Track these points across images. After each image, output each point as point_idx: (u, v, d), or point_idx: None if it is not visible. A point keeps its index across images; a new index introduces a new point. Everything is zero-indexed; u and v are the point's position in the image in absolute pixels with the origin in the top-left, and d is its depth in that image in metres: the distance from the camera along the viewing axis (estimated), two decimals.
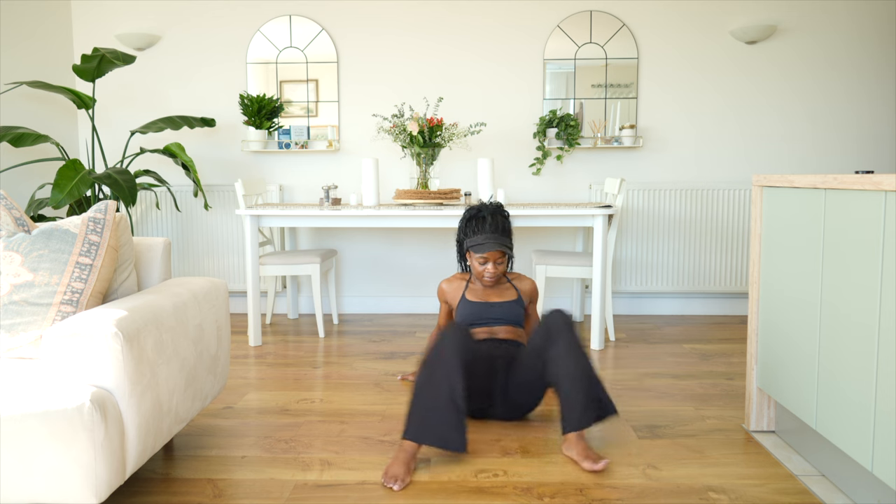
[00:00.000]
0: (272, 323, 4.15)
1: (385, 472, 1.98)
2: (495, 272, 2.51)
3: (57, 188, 3.31)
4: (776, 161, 4.25)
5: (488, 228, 2.51)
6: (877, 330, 1.63)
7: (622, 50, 4.17)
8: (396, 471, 1.97)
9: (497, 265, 2.51)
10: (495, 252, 2.48)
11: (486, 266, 2.51)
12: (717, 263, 4.22)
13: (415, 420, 2.04)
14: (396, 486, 1.92)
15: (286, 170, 4.36)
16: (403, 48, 4.25)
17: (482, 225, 2.53)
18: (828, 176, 1.83)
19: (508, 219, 2.59)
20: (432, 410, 2.02)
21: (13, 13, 3.80)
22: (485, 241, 2.48)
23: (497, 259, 2.50)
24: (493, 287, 2.59)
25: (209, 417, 2.52)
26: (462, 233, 2.60)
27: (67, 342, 1.61)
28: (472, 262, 2.55)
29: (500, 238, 2.51)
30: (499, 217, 2.55)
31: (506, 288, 2.60)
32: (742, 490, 1.92)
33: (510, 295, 2.58)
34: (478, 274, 2.54)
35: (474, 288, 2.61)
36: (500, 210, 2.58)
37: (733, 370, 3.10)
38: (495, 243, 2.47)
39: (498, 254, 2.49)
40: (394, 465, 2.00)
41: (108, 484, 1.56)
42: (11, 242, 1.90)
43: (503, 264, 2.53)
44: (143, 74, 4.33)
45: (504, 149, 4.28)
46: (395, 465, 1.99)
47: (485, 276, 2.52)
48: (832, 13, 4.13)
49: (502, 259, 2.52)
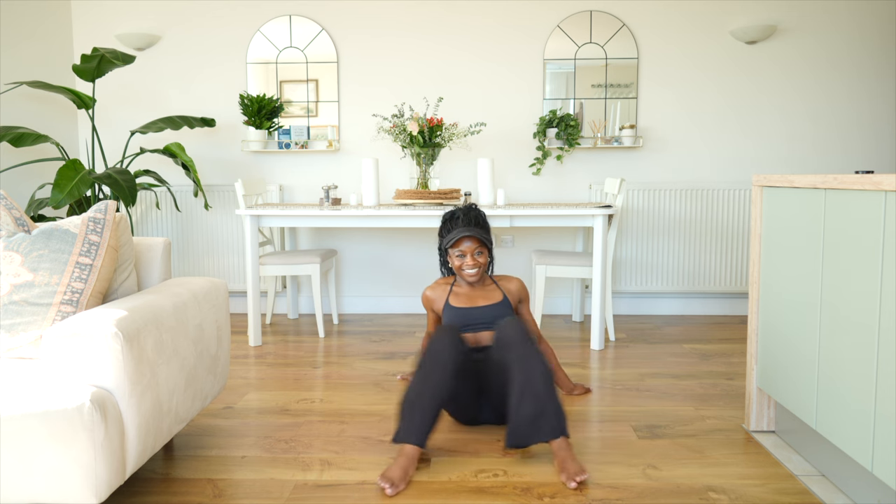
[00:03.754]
0: (272, 323, 4.15)
1: (383, 473, 1.97)
2: (475, 264, 2.46)
3: (57, 188, 3.31)
4: (776, 161, 4.25)
5: (461, 223, 2.50)
6: (877, 330, 1.63)
7: (622, 50, 4.17)
8: (393, 474, 1.95)
9: (476, 257, 2.47)
10: (472, 243, 2.45)
11: (464, 259, 2.47)
12: (717, 263, 4.22)
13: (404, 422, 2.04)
14: (389, 490, 1.90)
15: (286, 170, 4.36)
16: (403, 48, 4.25)
17: (455, 222, 2.52)
18: (828, 176, 1.83)
19: (484, 215, 2.57)
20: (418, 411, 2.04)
21: (13, 13, 3.80)
22: (458, 232, 2.46)
23: (475, 250, 2.46)
24: (479, 289, 2.54)
25: (209, 417, 2.52)
26: (440, 237, 2.59)
27: (67, 342, 1.61)
28: (452, 261, 2.52)
29: (475, 229, 2.48)
30: (471, 213, 2.53)
31: (491, 290, 2.55)
32: (742, 490, 1.92)
33: (495, 297, 2.53)
34: (459, 271, 2.50)
35: (458, 292, 2.55)
36: (473, 208, 2.57)
37: (733, 370, 3.10)
38: (469, 231, 2.45)
39: (475, 244, 2.45)
40: (393, 468, 1.98)
41: (108, 484, 1.56)
42: (11, 242, 1.90)
43: (483, 256, 2.48)
44: (143, 74, 4.33)
45: (504, 149, 4.28)
46: (393, 469, 1.98)
47: (464, 269, 2.48)
48: (832, 13, 4.13)
49: (481, 250, 2.47)
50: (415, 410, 2.04)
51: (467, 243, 2.45)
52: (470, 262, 2.47)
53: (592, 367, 3.15)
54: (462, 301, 2.52)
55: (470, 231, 2.45)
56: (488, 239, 2.50)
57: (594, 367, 3.16)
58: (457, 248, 2.47)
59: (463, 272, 2.49)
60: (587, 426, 2.41)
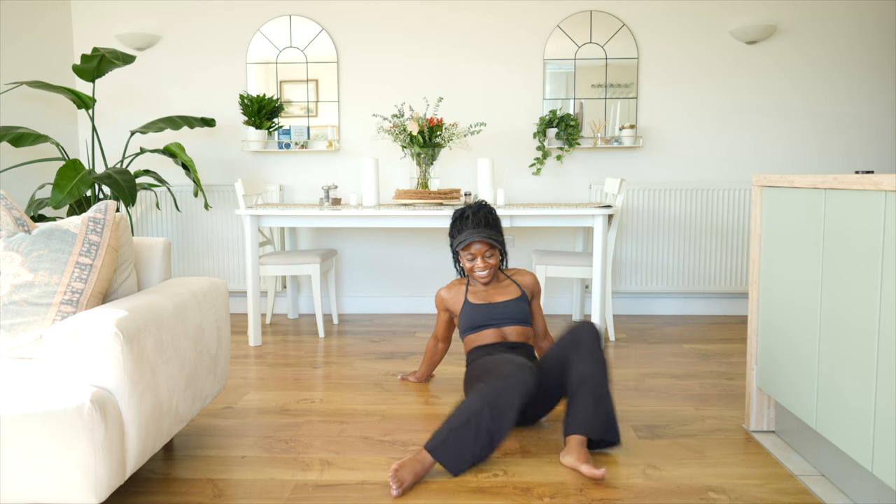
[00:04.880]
0: (272, 323, 4.15)
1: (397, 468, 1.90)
2: (486, 266, 2.46)
3: (57, 188, 3.31)
4: (776, 161, 4.25)
5: (471, 224, 2.48)
6: (877, 329, 1.63)
7: (622, 50, 4.17)
8: (405, 477, 1.90)
9: (487, 259, 2.46)
10: (482, 246, 2.44)
11: (475, 262, 2.47)
12: (717, 263, 4.22)
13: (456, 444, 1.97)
14: (395, 492, 1.87)
15: (286, 170, 4.36)
16: (403, 48, 4.25)
17: (465, 222, 2.50)
18: (828, 176, 1.83)
19: (494, 213, 2.54)
20: (465, 440, 1.97)
21: (13, 13, 3.80)
22: (468, 235, 2.45)
23: (485, 253, 2.46)
24: (493, 286, 2.55)
25: (209, 417, 2.52)
26: (450, 237, 2.58)
27: (67, 342, 1.61)
28: (463, 263, 2.52)
29: (484, 231, 2.46)
30: (482, 212, 2.51)
31: (506, 285, 2.56)
32: (742, 490, 1.92)
33: (513, 292, 2.53)
34: (470, 272, 2.51)
35: (475, 290, 2.56)
36: (484, 206, 2.54)
37: (733, 370, 3.10)
38: (478, 235, 2.43)
39: (485, 247, 2.45)
40: (407, 470, 1.92)
41: (108, 484, 1.56)
42: (11, 242, 1.90)
43: (493, 257, 2.48)
44: (143, 74, 4.33)
45: (504, 149, 4.28)
46: (407, 471, 1.91)
47: (476, 272, 2.48)
48: (832, 13, 4.13)
49: (492, 252, 2.47)
50: (478, 441, 1.97)
51: (477, 246, 2.45)
52: (481, 264, 2.47)
53: None
54: (481, 298, 2.52)
55: (479, 234, 2.43)
56: (499, 240, 2.48)
57: None
58: (467, 252, 2.47)
59: (474, 274, 2.49)
60: None
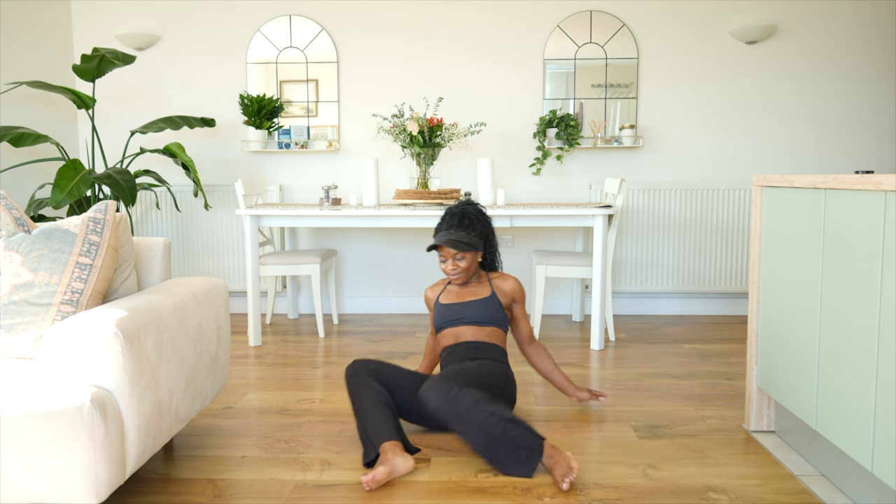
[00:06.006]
0: (272, 323, 4.15)
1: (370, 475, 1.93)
2: (456, 268, 2.43)
3: (57, 188, 3.31)
4: (776, 161, 4.25)
5: (444, 225, 2.46)
6: (877, 329, 1.63)
7: (622, 50, 4.17)
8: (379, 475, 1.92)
9: (457, 261, 2.42)
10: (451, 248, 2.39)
11: (446, 264, 2.44)
12: (717, 263, 4.22)
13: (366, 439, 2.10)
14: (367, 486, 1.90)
15: (286, 170, 4.36)
16: (403, 48, 4.25)
17: (441, 224, 2.48)
18: (828, 176, 1.83)
19: (477, 213, 2.48)
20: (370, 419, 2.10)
21: (13, 13, 3.80)
22: (439, 237, 2.42)
23: (454, 255, 2.42)
24: (469, 287, 2.51)
25: (209, 417, 2.52)
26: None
27: (67, 342, 1.61)
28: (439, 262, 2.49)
29: (455, 233, 2.41)
30: (457, 215, 2.46)
31: (481, 286, 2.51)
32: (742, 490, 1.92)
33: (483, 293, 2.48)
34: (446, 273, 2.48)
35: (450, 290, 2.54)
36: (465, 204, 2.49)
37: (733, 370, 3.10)
38: (443, 239, 2.40)
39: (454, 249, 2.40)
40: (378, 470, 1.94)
41: (108, 484, 1.56)
42: (11, 242, 1.90)
43: (464, 260, 2.42)
44: (143, 74, 4.33)
45: (504, 149, 4.28)
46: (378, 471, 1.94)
47: (448, 273, 2.45)
48: (832, 13, 4.13)
49: (462, 254, 2.42)
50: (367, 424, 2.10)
51: (447, 248, 2.43)
52: (450, 266, 2.44)
53: (592, 367, 3.15)
54: (450, 298, 2.52)
55: (447, 237, 2.40)
56: (467, 244, 2.40)
57: (594, 367, 3.16)
58: (440, 253, 2.46)
59: (447, 274, 2.48)
60: (587, 426, 2.41)
